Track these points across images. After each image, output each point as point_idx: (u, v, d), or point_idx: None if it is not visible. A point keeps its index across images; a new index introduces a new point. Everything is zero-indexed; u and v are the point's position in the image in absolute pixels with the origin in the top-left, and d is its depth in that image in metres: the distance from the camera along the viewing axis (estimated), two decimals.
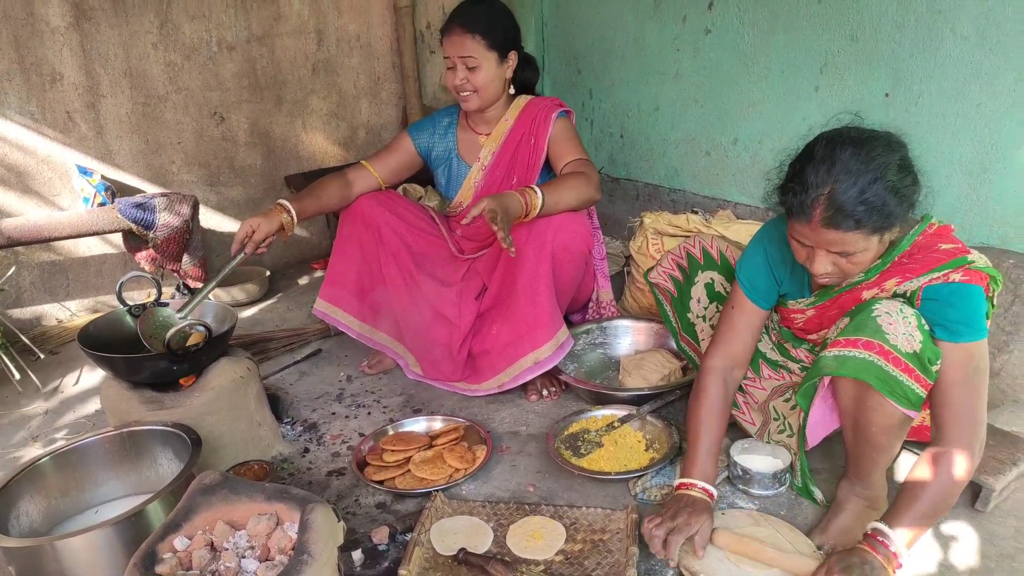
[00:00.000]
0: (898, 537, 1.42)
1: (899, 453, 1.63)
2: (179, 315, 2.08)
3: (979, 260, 1.52)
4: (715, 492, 1.66)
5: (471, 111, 2.40)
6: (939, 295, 1.50)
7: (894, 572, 1.42)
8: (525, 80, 2.49)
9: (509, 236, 1.98)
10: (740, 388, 1.97)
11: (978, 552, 1.62)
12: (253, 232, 2.14)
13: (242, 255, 2.14)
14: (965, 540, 1.66)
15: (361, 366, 2.62)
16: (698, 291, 2.05)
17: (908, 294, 1.54)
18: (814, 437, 1.74)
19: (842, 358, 1.50)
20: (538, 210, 2.14)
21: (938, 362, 1.47)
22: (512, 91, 2.45)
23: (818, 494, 1.79)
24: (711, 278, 2.03)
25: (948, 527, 1.69)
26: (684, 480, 1.67)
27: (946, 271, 1.50)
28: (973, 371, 1.48)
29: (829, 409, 1.69)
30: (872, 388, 1.48)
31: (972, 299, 1.48)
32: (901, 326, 1.47)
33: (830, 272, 1.55)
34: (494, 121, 2.44)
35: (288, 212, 2.22)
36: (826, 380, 1.61)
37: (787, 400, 1.90)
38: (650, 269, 2.16)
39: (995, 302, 1.54)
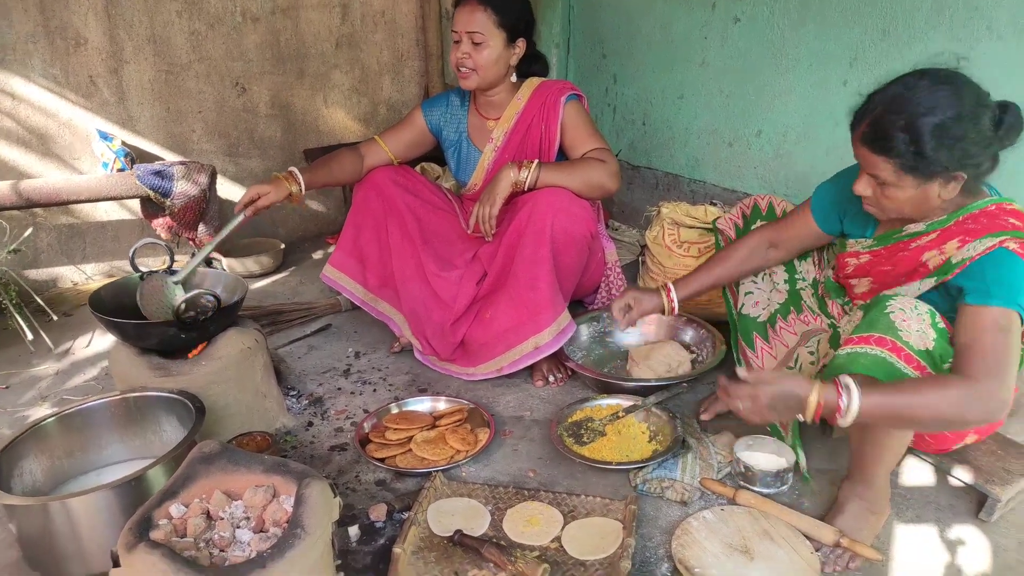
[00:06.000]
0: (856, 397, 1.35)
1: (903, 457, 1.60)
2: (173, 280, 2.13)
3: None
4: (675, 298, 2.03)
5: (468, 89, 2.36)
6: (987, 258, 1.45)
7: (815, 417, 1.40)
8: (534, 74, 2.45)
9: (492, 229, 2.22)
10: (765, 336, 1.99)
11: (979, 564, 1.59)
12: (259, 198, 2.15)
13: (242, 217, 2.15)
14: (968, 550, 1.63)
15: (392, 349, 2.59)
16: None
17: (962, 260, 1.49)
18: None
19: (853, 355, 1.47)
20: (529, 184, 2.16)
21: (950, 360, 1.44)
22: (515, 79, 2.41)
23: (803, 459, 1.81)
24: None
25: (952, 535, 1.67)
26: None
27: (1004, 238, 1.46)
28: (1004, 330, 1.39)
29: None
30: None
31: (1017, 267, 1.43)
32: (915, 323, 1.44)
33: (868, 196, 1.58)
34: (502, 105, 2.41)
35: (297, 181, 2.22)
36: None
37: (811, 352, 1.89)
38: (718, 217, 2.34)
39: None
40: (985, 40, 2.16)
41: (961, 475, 1.76)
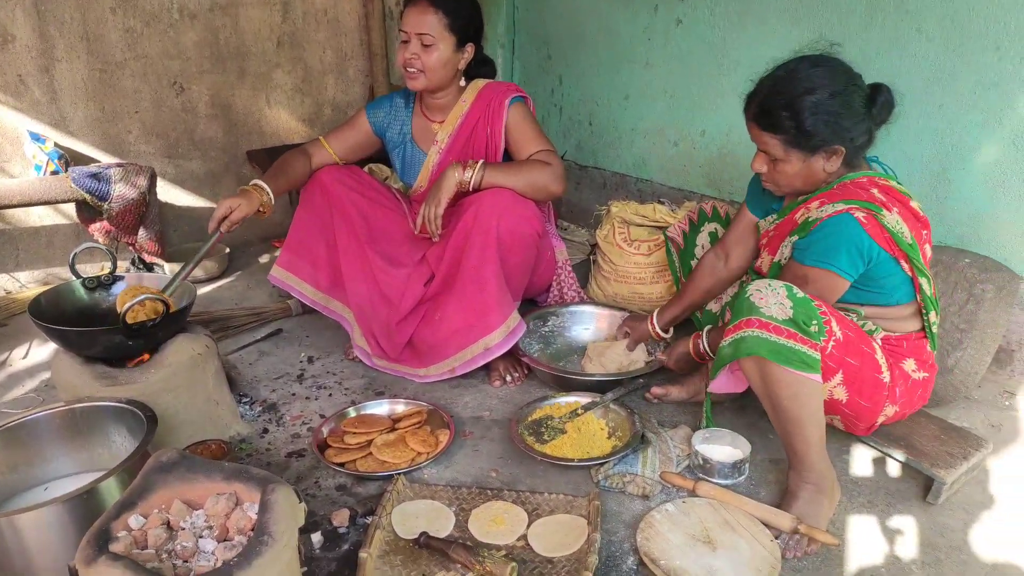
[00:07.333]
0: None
1: (842, 439, 1.67)
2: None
3: (893, 222, 1.62)
4: (656, 325, 2.24)
5: (415, 90, 2.33)
6: (830, 220, 1.64)
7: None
8: (481, 76, 2.44)
9: (437, 229, 2.21)
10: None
11: (928, 544, 1.67)
12: (231, 212, 2.10)
13: (218, 234, 2.12)
14: (917, 532, 1.70)
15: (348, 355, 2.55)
16: (703, 238, 2.32)
17: (816, 219, 1.67)
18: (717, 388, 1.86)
19: (734, 342, 1.61)
20: (474, 184, 2.18)
21: (813, 323, 1.56)
22: (463, 83, 2.39)
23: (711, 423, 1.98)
24: (715, 228, 2.30)
25: (898, 520, 1.74)
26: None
27: (854, 206, 1.62)
28: (801, 279, 1.65)
29: (734, 377, 1.81)
30: (768, 361, 1.56)
31: (846, 232, 1.61)
32: (771, 297, 1.57)
33: (764, 172, 1.78)
34: (447, 108, 2.40)
35: (267, 192, 2.19)
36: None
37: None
38: (669, 226, 2.52)
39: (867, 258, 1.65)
40: (915, 41, 2.26)
41: (907, 461, 1.83)
